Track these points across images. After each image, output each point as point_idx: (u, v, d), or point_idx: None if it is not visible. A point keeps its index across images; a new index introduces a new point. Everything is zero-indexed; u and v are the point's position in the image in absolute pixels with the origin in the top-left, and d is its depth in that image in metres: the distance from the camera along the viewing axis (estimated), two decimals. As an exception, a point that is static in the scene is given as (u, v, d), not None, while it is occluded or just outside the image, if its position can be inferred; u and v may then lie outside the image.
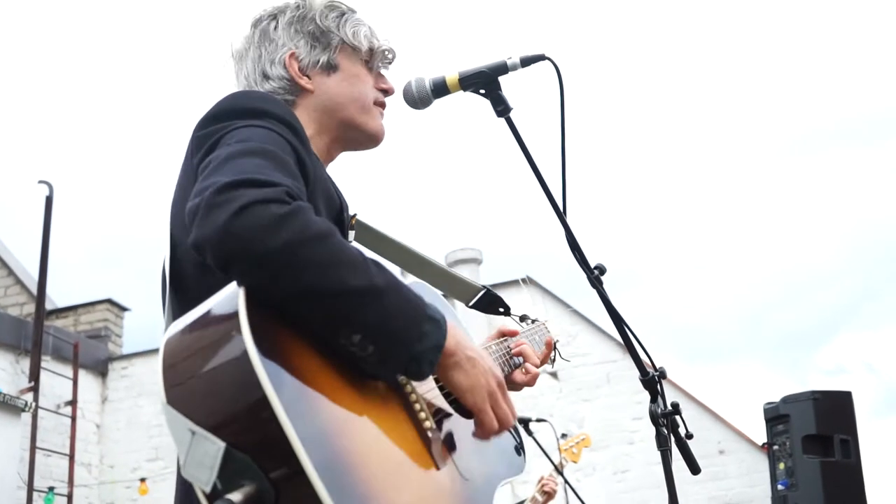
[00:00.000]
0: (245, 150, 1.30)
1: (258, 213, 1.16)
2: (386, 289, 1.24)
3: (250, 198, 1.17)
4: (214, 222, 1.16)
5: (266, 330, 1.15)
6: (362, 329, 1.21)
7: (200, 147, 1.40)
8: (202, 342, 1.18)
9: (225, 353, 1.13)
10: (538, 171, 1.75)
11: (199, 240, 1.19)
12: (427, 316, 1.29)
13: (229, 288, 1.20)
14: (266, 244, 1.15)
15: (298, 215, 1.19)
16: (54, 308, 10.99)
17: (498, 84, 1.77)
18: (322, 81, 1.70)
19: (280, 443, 1.05)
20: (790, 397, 5.53)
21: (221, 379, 1.12)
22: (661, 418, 1.74)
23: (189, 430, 1.10)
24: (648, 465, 8.79)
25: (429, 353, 1.29)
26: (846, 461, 5.27)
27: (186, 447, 1.11)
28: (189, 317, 1.22)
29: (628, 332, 1.79)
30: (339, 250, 1.22)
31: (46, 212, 8.88)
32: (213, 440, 1.09)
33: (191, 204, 1.22)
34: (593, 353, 9.60)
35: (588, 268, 1.77)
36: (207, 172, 1.27)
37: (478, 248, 10.80)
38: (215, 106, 1.48)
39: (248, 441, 1.08)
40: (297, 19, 1.71)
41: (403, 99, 1.80)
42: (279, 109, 1.47)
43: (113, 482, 10.04)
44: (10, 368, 8.76)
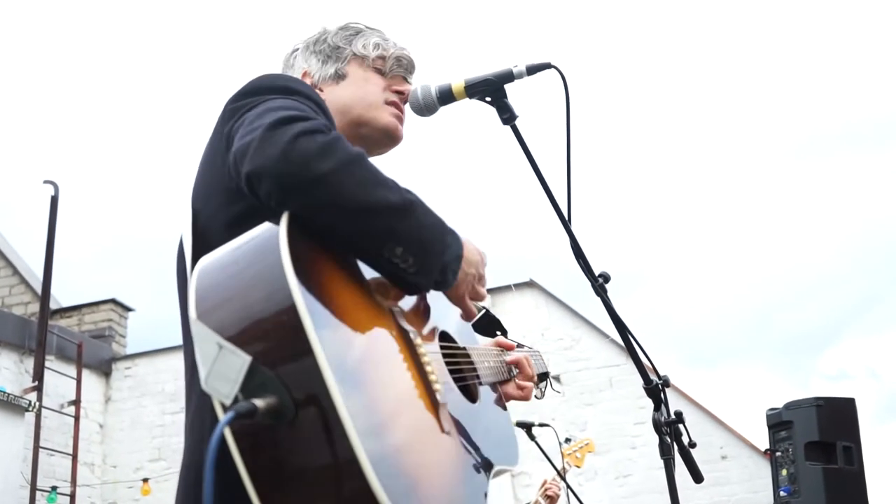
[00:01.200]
0: (280, 106, 1.40)
1: (309, 141, 1.27)
2: (417, 204, 1.38)
3: (300, 128, 1.28)
4: (272, 150, 1.26)
5: (304, 255, 1.21)
6: (404, 242, 1.34)
7: (233, 116, 1.47)
8: (238, 262, 1.22)
9: (261, 273, 1.17)
10: (544, 180, 1.76)
11: (257, 167, 1.27)
12: (448, 229, 1.46)
13: (267, 224, 1.26)
14: (321, 166, 1.26)
15: (341, 141, 1.31)
16: (59, 308, 11.00)
17: (504, 92, 1.78)
18: (331, 90, 1.78)
19: (307, 362, 1.08)
20: (793, 403, 5.52)
21: (255, 296, 1.16)
22: (664, 427, 1.75)
23: (217, 344, 1.13)
24: (651, 469, 8.78)
25: (453, 262, 1.46)
26: (849, 468, 5.26)
27: (211, 361, 1.13)
28: (227, 245, 1.28)
29: (632, 340, 1.79)
30: (377, 171, 1.35)
31: (52, 212, 8.89)
32: (239, 354, 1.11)
33: (240, 143, 1.32)
34: (596, 357, 9.59)
35: (592, 276, 1.78)
36: (248, 121, 1.37)
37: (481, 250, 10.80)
38: (248, 83, 1.55)
39: (276, 357, 1.11)
40: (312, 43, 1.85)
41: (409, 106, 1.81)
42: (308, 90, 1.56)
43: (115, 482, 10.05)
44: (13, 368, 8.78)
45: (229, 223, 1.42)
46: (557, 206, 1.77)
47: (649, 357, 1.82)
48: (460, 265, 1.49)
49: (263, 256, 1.19)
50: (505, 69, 1.78)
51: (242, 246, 1.25)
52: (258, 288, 1.16)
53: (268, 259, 1.18)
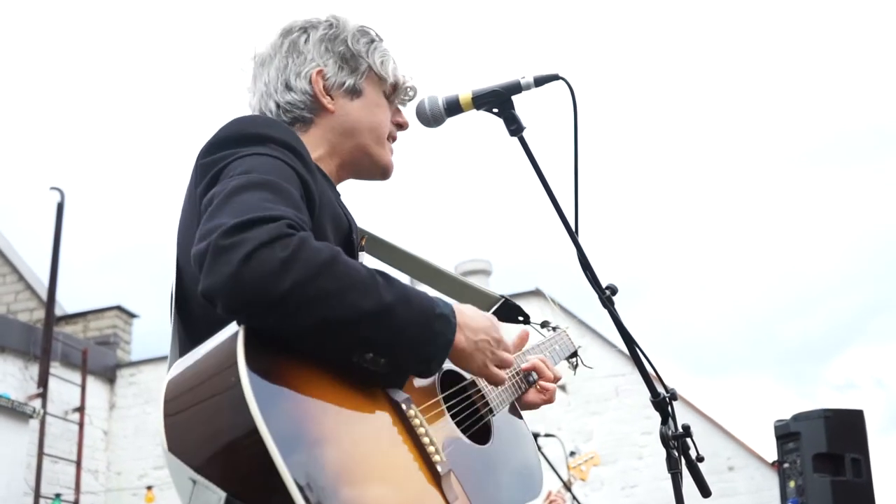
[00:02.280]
0: (248, 183, 1.30)
1: (264, 259, 1.16)
2: (396, 303, 1.27)
3: (254, 243, 1.17)
4: (223, 272, 1.17)
5: (267, 373, 1.15)
6: (375, 347, 1.25)
7: (204, 175, 1.40)
8: (202, 390, 1.17)
9: (225, 404, 1.12)
10: (551, 192, 1.75)
11: (209, 290, 1.19)
12: (436, 315, 1.34)
13: (230, 329, 1.20)
14: (276, 289, 1.16)
15: (302, 251, 1.19)
16: (64, 314, 11.02)
17: (511, 103, 1.77)
18: (344, 104, 1.69)
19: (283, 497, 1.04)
20: (801, 415, 5.49)
21: (221, 428, 1.11)
22: (671, 440, 1.73)
23: (190, 479, 1.10)
24: (657, 479, 8.73)
25: (438, 353, 1.36)
26: (857, 480, 5.22)
27: (188, 496, 1.11)
28: (189, 359, 1.22)
29: (639, 353, 1.77)
30: (346, 275, 1.23)
31: (57, 218, 8.93)
32: (213, 490, 1.08)
33: (197, 248, 1.23)
34: (602, 366, 9.55)
35: (600, 288, 1.77)
36: (211, 211, 1.27)
37: (487, 259, 10.81)
38: (218, 132, 1.48)
39: (249, 493, 1.08)
40: (328, 38, 1.71)
41: (417, 117, 1.79)
42: (283, 135, 1.47)
43: (120, 489, 10.04)
44: (18, 374, 8.79)
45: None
46: (565, 219, 1.76)
47: (656, 370, 1.81)
48: (449, 351, 1.38)
49: (224, 379, 1.13)
50: (512, 80, 1.77)
51: (205, 364, 1.20)
52: (223, 421, 1.11)
53: (228, 381, 1.11)
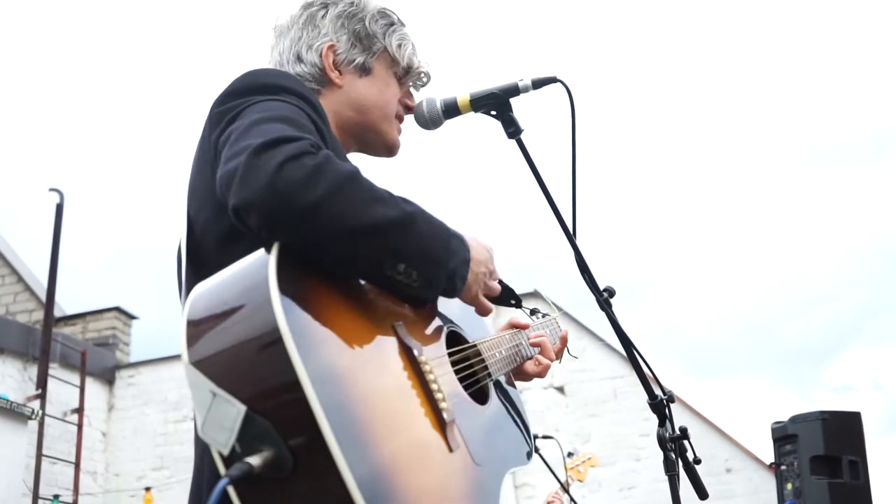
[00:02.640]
0: (266, 117, 1.34)
1: (296, 168, 1.20)
2: (417, 215, 1.33)
3: (285, 154, 1.21)
4: (256, 184, 1.20)
5: (296, 288, 1.16)
6: (405, 257, 1.30)
7: (220, 122, 1.42)
8: (228, 303, 1.18)
9: (251, 316, 1.13)
10: (549, 195, 1.76)
11: (243, 202, 1.21)
12: (452, 234, 1.42)
13: (257, 253, 1.21)
14: (310, 196, 1.20)
15: (330, 163, 1.24)
16: (63, 315, 11.01)
17: (509, 106, 1.78)
18: (352, 80, 1.72)
19: (302, 412, 1.05)
20: (798, 417, 5.49)
21: (246, 342, 1.11)
22: (669, 443, 1.74)
23: (210, 392, 1.10)
24: (655, 481, 8.73)
25: (461, 268, 1.43)
26: (855, 482, 5.23)
27: (206, 408, 1.10)
28: (216, 277, 1.23)
29: (637, 356, 1.78)
30: (371, 188, 1.29)
31: (57, 219, 8.91)
32: (233, 403, 1.08)
33: (225, 169, 1.26)
34: (600, 368, 9.56)
35: (597, 290, 1.77)
36: (234, 139, 1.30)
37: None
38: (233, 83, 1.49)
39: (270, 407, 1.08)
40: (346, 15, 1.74)
41: (415, 119, 1.80)
42: (298, 87, 1.50)
43: (118, 491, 10.03)
44: (17, 375, 8.78)
45: (223, 237, 1.40)
46: (563, 221, 1.77)
47: (654, 372, 1.81)
48: (468, 269, 1.45)
49: (252, 294, 1.14)
50: (510, 83, 1.78)
51: (231, 278, 1.21)
52: (248, 330, 1.12)
53: (257, 297, 1.13)
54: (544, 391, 9.48)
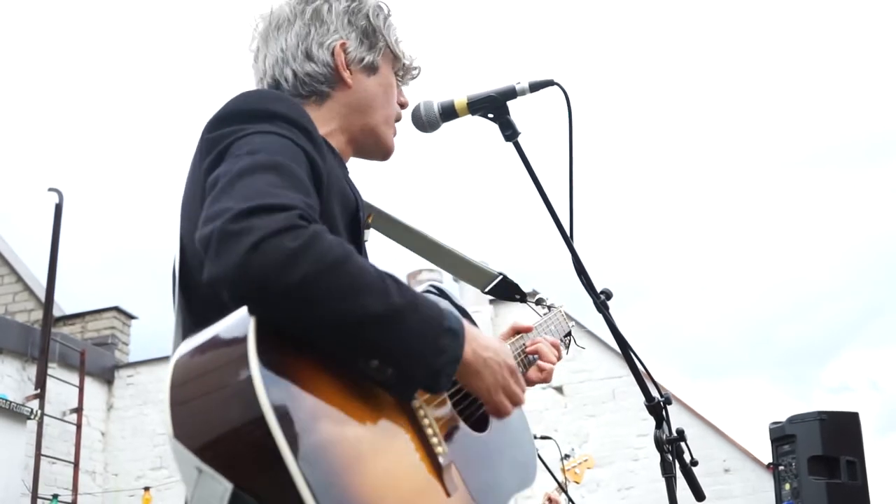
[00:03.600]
0: (255, 164, 1.25)
1: (273, 249, 1.12)
2: (405, 309, 1.23)
3: (264, 231, 1.13)
4: (228, 260, 1.13)
5: (277, 363, 1.12)
6: (382, 355, 1.21)
7: (210, 151, 1.36)
8: (210, 376, 1.14)
9: (233, 392, 1.09)
10: (546, 198, 1.76)
11: (214, 278, 1.15)
12: (445, 329, 1.29)
13: (240, 314, 1.16)
14: (284, 281, 1.12)
15: (314, 244, 1.16)
16: (62, 315, 11.00)
17: (506, 108, 1.78)
18: (361, 80, 1.67)
19: (290, 491, 1.03)
20: (796, 417, 5.49)
21: (229, 417, 1.08)
22: (665, 444, 1.74)
23: (196, 468, 1.07)
24: (653, 482, 8.74)
25: (447, 367, 1.29)
26: (852, 483, 5.23)
27: (193, 484, 1.08)
28: (197, 341, 1.18)
29: (634, 358, 1.79)
30: (358, 275, 1.20)
31: (56, 219, 8.91)
32: (219, 480, 1.06)
33: (202, 232, 1.19)
34: (599, 368, 9.57)
35: (594, 293, 1.78)
36: (217, 192, 1.23)
37: (484, 261, 10.78)
38: (225, 106, 1.43)
39: (256, 485, 1.06)
40: (352, 10, 1.68)
41: (412, 122, 1.80)
42: (292, 111, 1.42)
43: (117, 490, 10.03)
44: (16, 375, 8.78)
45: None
46: (560, 224, 1.77)
47: (651, 375, 1.82)
48: (457, 368, 1.32)
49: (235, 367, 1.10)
50: (507, 86, 1.78)
51: (214, 351, 1.16)
52: (231, 410, 1.08)
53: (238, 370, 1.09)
54: (543, 391, 9.48)
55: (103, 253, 21.09)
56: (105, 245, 20.69)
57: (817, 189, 22.53)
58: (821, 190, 22.39)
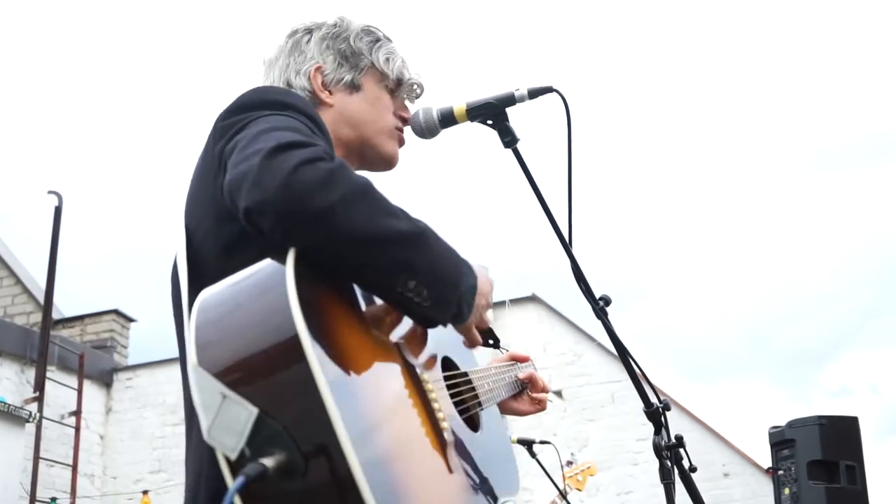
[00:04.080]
0: (274, 126, 1.33)
1: (311, 171, 1.19)
2: (429, 233, 1.31)
3: (300, 157, 1.19)
4: (271, 183, 1.18)
5: (312, 298, 1.15)
6: (416, 273, 1.26)
7: (224, 134, 1.40)
8: (242, 304, 1.16)
9: (267, 317, 1.11)
10: (545, 204, 1.76)
11: (257, 203, 1.19)
12: (461, 258, 1.38)
13: (269, 260, 1.20)
14: (326, 198, 1.18)
15: (345, 170, 1.23)
16: (61, 318, 11.01)
17: (505, 115, 1.78)
18: (343, 98, 1.72)
19: (319, 416, 1.03)
20: (796, 422, 5.49)
21: (262, 344, 1.10)
22: (664, 451, 1.74)
23: (220, 394, 1.07)
24: (652, 486, 8.73)
25: (468, 294, 1.38)
26: (852, 488, 5.22)
27: (214, 411, 1.07)
28: (227, 281, 1.21)
29: (633, 364, 1.79)
30: (385, 200, 1.27)
31: (55, 222, 8.92)
32: (245, 406, 1.06)
33: (235, 172, 1.24)
34: (598, 372, 9.57)
35: (593, 299, 1.78)
36: (242, 146, 1.29)
37: (484, 265, 10.77)
38: (239, 98, 1.48)
39: (284, 410, 1.06)
40: (330, 36, 1.75)
41: (411, 128, 1.81)
42: (302, 104, 1.49)
43: (116, 493, 10.03)
44: (15, 378, 8.78)
45: (222, 248, 1.38)
46: (558, 230, 1.77)
47: (650, 381, 1.82)
48: (475, 295, 1.41)
49: (268, 296, 1.13)
50: (506, 92, 1.78)
51: (246, 283, 1.19)
52: (263, 332, 1.10)
53: (273, 299, 1.11)
54: (542, 395, 9.48)
55: (103, 256, 21.10)
56: (104, 248, 20.70)
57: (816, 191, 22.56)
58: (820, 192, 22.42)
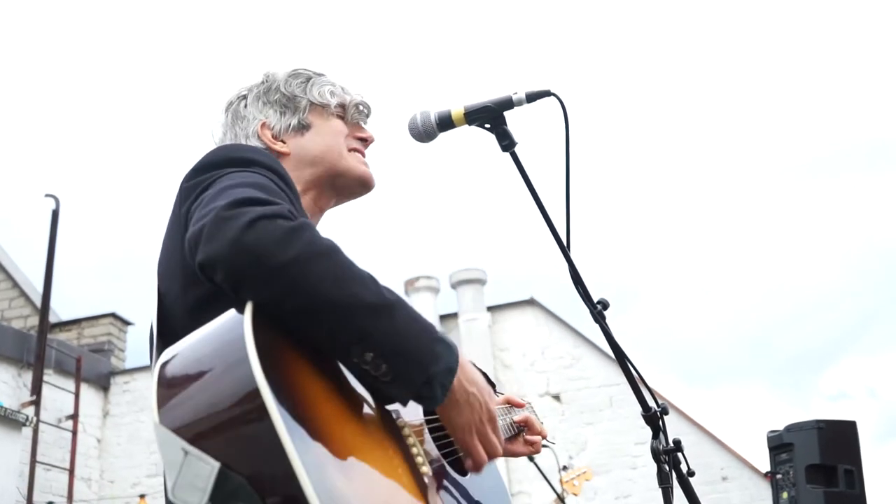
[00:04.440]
0: (239, 183, 1.32)
1: (268, 227, 1.16)
2: (397, 306, 1.23)
3: (258, 213, 1.17)
4: (224, 237, 1.16)
5: (272, 350, 1.13)
6: (374, 346, 1.20)
7: (190, 195, 1.39)
8: (202, 361, 1.14)
9: (227, 373, 1.10)
10: (543, 208, 1.76)
11: (210, 257, 1.18)
12: (438, 338, 1.28)
13: (230, 312, 1.18)
14: (279, 256, 1.15)
15: (306, 229, 1.20)
16: (58, 321, 10.98)
17: (503, 119, 1.78)
18: (296, 142, 1.73)
19: (282, 469, 1.02)
20: (794, 426, 5.49)
21: (221, 397, 1.08)
22: (662, 455, 1.74)
23: (182, 450, 1.06)
24: (650, 490, 8.72)
25: (442, 375, 1.27)
26: (850, 492, 5.22)
27: (177, 469, 1.06)
28: (188, 338, 1.19)
29: (631, 368, 1.78)
30: (350, 265, 1.22)
31: (52, 225, 8.91)
32: (206, 460, 1.05)
33: (193, 229, 1.22)
34: (596, 376, 9.56)
35: (591, 303, 1.77)
36: (204, 203, 1.28)
37: (482, 268, 10.79)
38: (204, 157, 1.48)
39: (246, 463, 1.04)
40: (262, 93, 1.78)
41: (409, 132, 1.80)
42: (267, 160, 1.49)
43: (113, 497, 10.00)
44: (11, 382, 8.76)
45: (192, 308, 1.36)
46: (557, 235, 1.77)
47: (648, 385, 1.81)
48: (452, 380, 1.30)
49: (229, 351, 1.11)
50: (504, 96, 1.78)
51: (206, 336, 1.17)
52: (223, 386, 1.08)
53: (234, 355, 1.09)
54: (540, 399, 9.48)
55: (100, 259, 21.07)
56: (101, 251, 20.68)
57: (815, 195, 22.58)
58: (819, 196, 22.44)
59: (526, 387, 9.58)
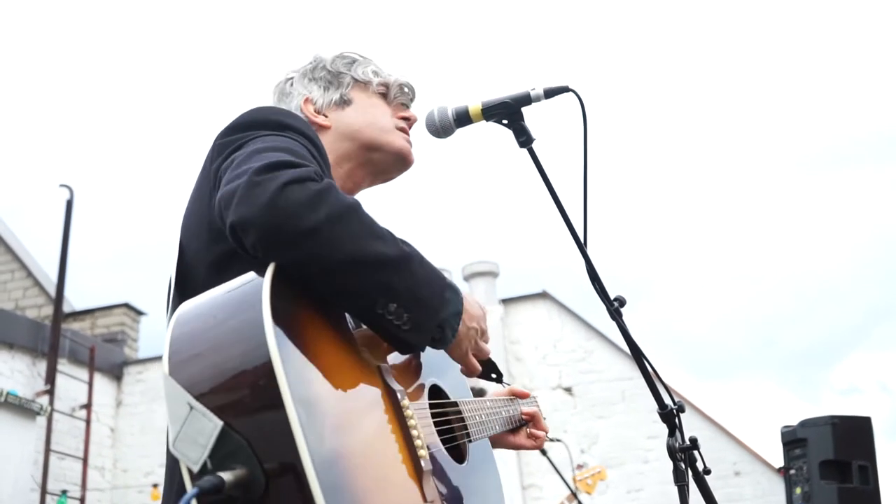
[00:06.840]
0: (269, 146, 1.35)
1: (298, 191, 1.20)
2: (414, 257, 1.32)
3: (289, 177, 1.21)
4: (257, 201, 1.19)
5: (287, 311, 1.15)
6: (398, 297, 1.28)
7: (222, 152, 1.43)
8: (217, 315, 1.16)
9: (241, 336, 1.11)
10: (560, 204, 1.74)
11: (242, 219, 1.20)
12: (447, 284, 1.38)
13: (250, 275, 1.20)
14: (310, 218, 1.19)
15: (332, 191, 1.24)
16: (72, 311, 11.04)
17: (521, 115, 1.76)
18: (338, 115, 1.77)
19: (284, 435, 1.03)
20: (808, 421, 5.46)
21: (231, 358, 1.10)
22: (678, 453, 1.72)
23: (187, 404, 1.08)
24: (663, 484, 8.72)
25: (452, 319, 1.39)
26: (864, 487, 5.19)
27: (181, 422, 1.08)
28: (206, 294, 1.22)
29: (647, 365, 1.77)
30: (372, 223, 1.29)
31: (67, 215, 8.96)
32: (210, 418, 1.06)
33: (225, 189, 1.26)
34: (609, 370, 9.54)
35: (608, 300, 1.76)
36: (236, 164, 1.31)
37: (494, 261, 10.79)
38: (239, 116, 1.51)
39: (249, 425, 1.06)
40: (309, 71, 1.83)
41: (426, 127, 1.80)
42: (301, 125, 1.52)
43: (126, 486, 10.07)
44: (26, 371, 8.81)
45: (213, 263, 1.40)
46: (574, 231, 1.75)
47: (664, 382, 1.80)
48: (460, 322, 1.42)
49: (243, 311, 1.13)
50: (522, 92, 1.76)
51: (223, 296, 1.19)
52: (235, 346, 1.10)
53: (247, 314, 1.11)
54: (552, 392, 9.48)
55: (113, 249, 21.17)
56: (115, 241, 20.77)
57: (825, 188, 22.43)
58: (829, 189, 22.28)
59: (538, 380, 9.58)
